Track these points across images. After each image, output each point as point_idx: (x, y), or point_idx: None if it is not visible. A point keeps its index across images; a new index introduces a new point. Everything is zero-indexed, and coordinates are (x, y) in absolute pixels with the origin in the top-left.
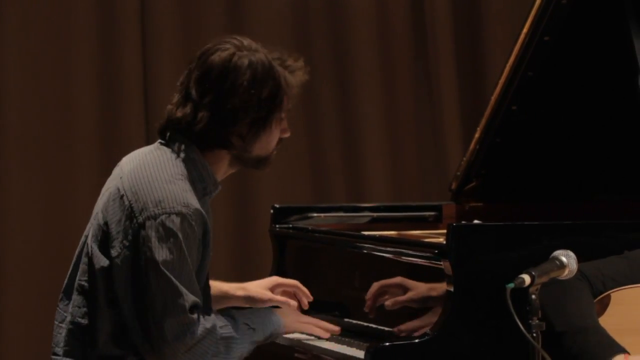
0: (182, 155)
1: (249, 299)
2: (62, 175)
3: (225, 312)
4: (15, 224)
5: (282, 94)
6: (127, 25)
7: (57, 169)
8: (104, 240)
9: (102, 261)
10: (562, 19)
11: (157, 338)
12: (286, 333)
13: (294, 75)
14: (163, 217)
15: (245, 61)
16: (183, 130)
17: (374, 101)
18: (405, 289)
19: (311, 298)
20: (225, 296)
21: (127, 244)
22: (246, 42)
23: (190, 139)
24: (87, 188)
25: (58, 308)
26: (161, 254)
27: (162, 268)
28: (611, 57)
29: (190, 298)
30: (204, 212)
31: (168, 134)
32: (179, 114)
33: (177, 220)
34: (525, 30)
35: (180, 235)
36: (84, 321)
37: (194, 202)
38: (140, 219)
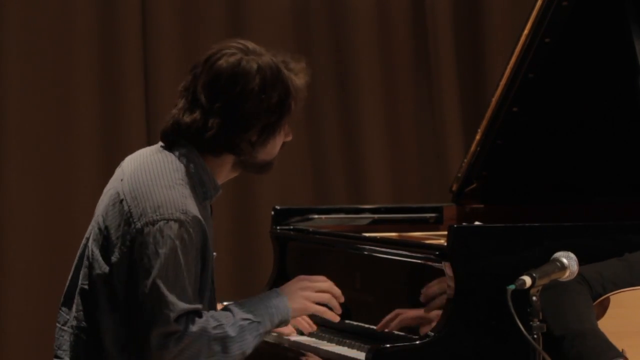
0: (183, 159)
1: None
2: (62, 177)
3: (224, 309)
4: (16, 225)
5: (290, 99)
6: (128, 26)
7: (57, 170)
8: (105, 245)
9: (102, 266)
10: (563, 21)
11: (144, 343)
12: (295, 317)
13: (299, 77)
14: (161, 223)
15: (254, 65)
16: (193, 136)
17: (375, 103)
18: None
19: (342, 299)
20: None
21: (124, 250)
22: (250, 45)
23: (194, 143)
24: (88, 189)
25: (60, 310)
26: (156, 261)
27: (155, 276)
28: (612, 59)
29: (178, 307)
30: (202, 220)
31: (171, 137)
32: (187, 119)
33: (175, 226)
34: (526, 31)
35: (177, 243)
36: (88, 325)
37: (193, 209)
38: (139, 225)
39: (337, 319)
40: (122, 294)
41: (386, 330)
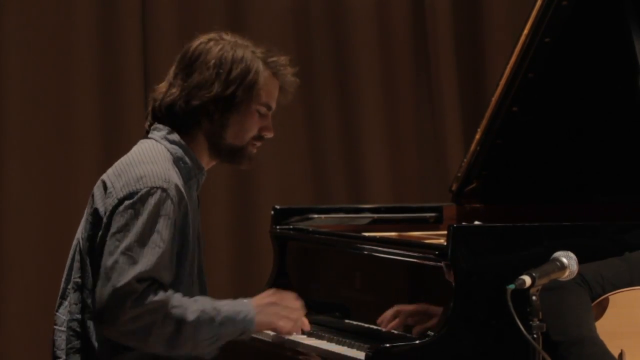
0: (163, 141)
1: None
2: (62, 176)
3: (197, 298)
4: (15, 225)
5: (253, 79)
6: (128, 26)
7: (57, 170)
8: (93, 227)
9: (94, 246)
10: (563, 21)
11: (98, 302)
12: (259, 330)
13: (277, 72)
14: (143, 191)
15: (219, 45)
16: (156, 108)
17: (375, 102)
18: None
19: (307, 327)
20: None
21: (106, 221)
22: (230, 36)
23: (164, 121)
24: (87, 189)
25: (57, 313)
26: (133, 223)
27: (128, 237)
28: (612, 59)
29: (144, 270)
30: (183, 192)
31: (148, 123)
32: (155, 94)
33: (156, 194)
34: (526, 31)
35: (158, 209)
36: (80, 316)
37: (175, 179)
38: (121, 195)
39: (297, 331)
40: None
41: (384, 329)
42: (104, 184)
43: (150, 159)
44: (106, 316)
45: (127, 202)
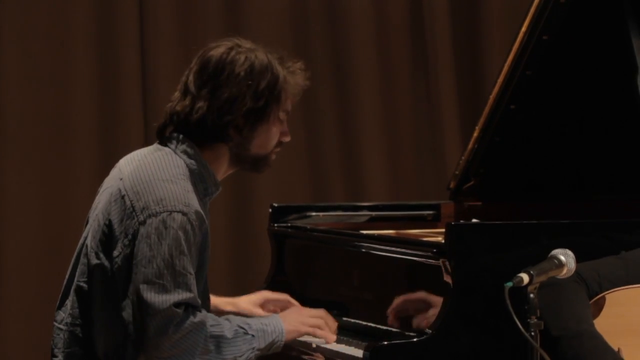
0: (182, 154)
1: (238, 315)
2: (60, 176)
3: (227, 317)
4: (14, 225)
5: (280, 88)
6: (126, 26)
7: (55, 170)
8: (106, 240)
9: (103, 261)
10: (561, 18)
11: (141, 331)
12: (290, 339)
13: (294, 76)
14: (164, 214)
15: (243, 55)
16: (182, 122)
17: (373, 100)
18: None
19: (334, 337)
20: (214, 310)
21: (127, 243)
22: (244, 42)
23: (189, 135)
24: (86, 189)
25: (57, 310)
26: (160, 250)
27: (157, 264)
28: (610, 56)
29: (179, 295)
30: (203, 215)
31: (168, 132)
32: (177, 108)
33: (178, 218)
34: (523, 29)
35: (180, 233)
36: (83, 322)
37: (195, 204)
38: (142, 217)
39: (330, 339)
40: (120, 290)
41: (382, 327)
42: (123, 199)
43: (170, 176)
44: (148, 344)
45: (149, 228)
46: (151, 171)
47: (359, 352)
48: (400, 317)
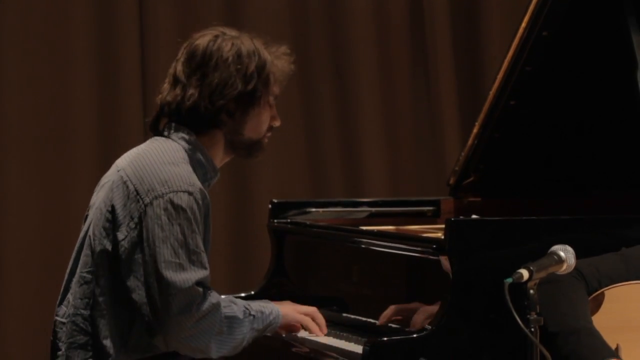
0: (180, 140)
1: None
2: (60, 173)
3: (230, 297)
4: (14, 222)
5: (268, 71)
6: (126, 26)
7: (55, 167)
8: (109, 225)
9: (107, 246)
10: (561, 14)
11: (162, 311)
12: (284, 323)
13: (279, 60)
14: (171, 194)
15: (229, 42)
16: (175, 112)
17: (372, 96)
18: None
19: (325, 330)
20: None
21: (132, 226)
22: (228, 30)
23: (183, 123)
24: (86, 186)
25: (59, 305)
26: (172, 230)
27: (172, 244)
28: (610, 52)
29: (195, 272)
30: (207, 194)
31: (162, 124)
32: (169, 98)
33: (184, 197)
34: (523, 24)
35: (188, 212)
36: (87, 312)
37: (199, 183)
38: (147, 199)
39: (320, 332)
40: (128, 272)
41: (381, 323)
42: (125, 184)
43: (171, 159)
44: (170, 323)
45: (157, 209)
46: (152, 157)
47: (358, 348)
48: (399, 313)
